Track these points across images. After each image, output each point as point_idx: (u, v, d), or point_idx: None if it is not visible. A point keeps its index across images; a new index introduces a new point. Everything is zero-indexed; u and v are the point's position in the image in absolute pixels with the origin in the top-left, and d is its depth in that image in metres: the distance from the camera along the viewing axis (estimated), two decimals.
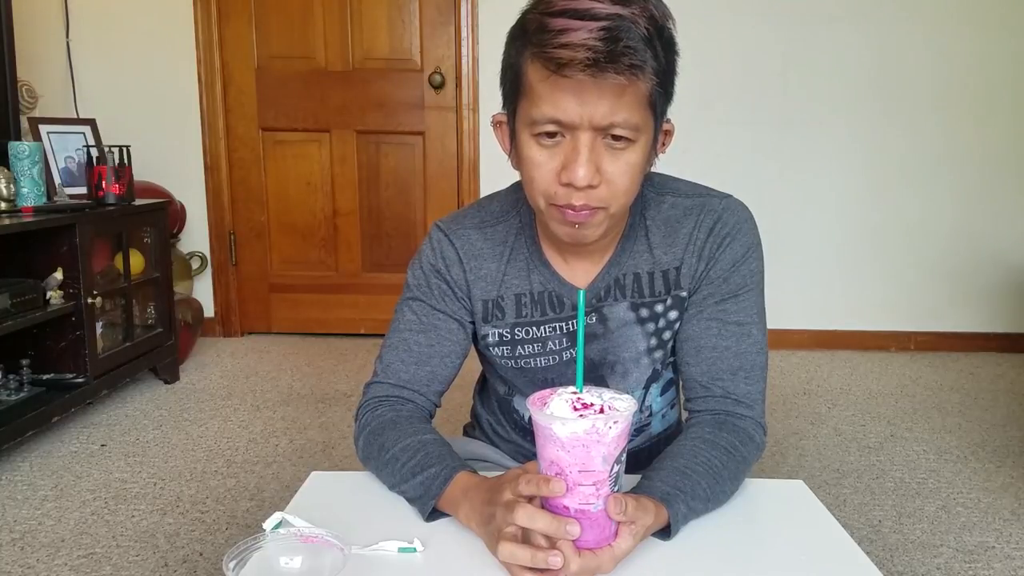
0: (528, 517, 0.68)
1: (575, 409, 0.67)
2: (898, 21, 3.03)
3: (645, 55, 0.75)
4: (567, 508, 0.68)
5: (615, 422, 0.66)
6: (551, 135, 0.80)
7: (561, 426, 0.66)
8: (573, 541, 0.68)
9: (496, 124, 0.90)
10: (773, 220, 2.90)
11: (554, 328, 0.96)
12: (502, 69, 0.86)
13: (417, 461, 0.85)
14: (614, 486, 0.69)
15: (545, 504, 0.70)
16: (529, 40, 0.79)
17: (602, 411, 0.67)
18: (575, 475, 0.67)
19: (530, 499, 0.70)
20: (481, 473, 0.84)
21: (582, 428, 0.65)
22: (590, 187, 0.80)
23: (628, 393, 0.98)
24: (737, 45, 3.05)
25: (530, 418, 0.78)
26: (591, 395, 0.69)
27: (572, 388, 0.70)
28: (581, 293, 0.73)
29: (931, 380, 2.84)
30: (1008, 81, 3.06)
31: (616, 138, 0.79)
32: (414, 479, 0.84)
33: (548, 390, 0.71)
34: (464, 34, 3.08)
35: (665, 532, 0.78)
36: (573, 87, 0.76)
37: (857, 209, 3.17)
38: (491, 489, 0.76)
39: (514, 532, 0.69)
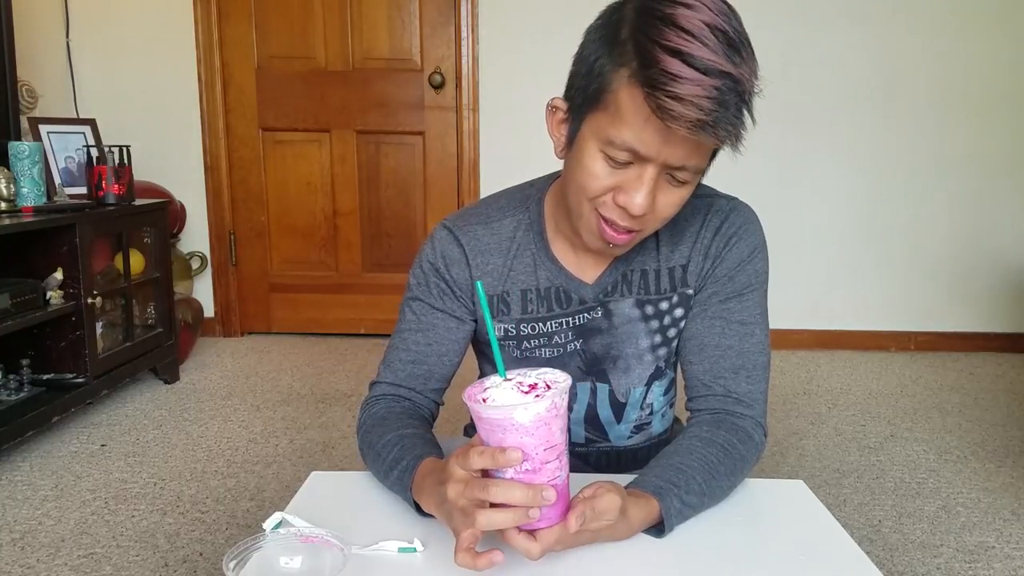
0: (504, 492, 0.66)
1: (525, 393, 0.67)
2: (897, 23, 3.03)
3: (740, 125, 0.75)
4: None
5: (565, 392, 0.67)
6: (621, 159, 0.79)
7: (523, 412, 0.65)
8: (543, 520, 0.68)
9: (552, 109, 0.88)
10: (773, 220, 2.89)
11: (560, 323, 0.96)
12: (581, 62, 0.82)
13: (393, 455, 0.86)
14: (568, 453, 0.70)
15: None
16: (632, 61, 0.74)
17: (548, 387, 0.67)
18: (541, 454, 0.67)
19: (484, 474, 0.69)
20: None
21: (544, 408, 0.65)
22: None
23: (630, 389, 0.99)
24: None
25: None
26: (524, 377, 0.70)
27: (496, 377, 0.70)
28: (479, 284, 0.75)
29: (931, 380, 2.84)
30: (1007, 82, 3.06)
31: (679, 177, 0.80)
32: (392, 474, 0.85)
33: (474, 386, 0.70)
34: (464, 34, 3.08)
35: (659, 529, 0.78)
36: (664, 132, 0.75)
37: (857, 209, 3.17)
38: (443, 469, 0.74)
39: (478, 503, 0.68)
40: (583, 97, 0.81)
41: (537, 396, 0.66)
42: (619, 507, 0.73)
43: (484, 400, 0.67)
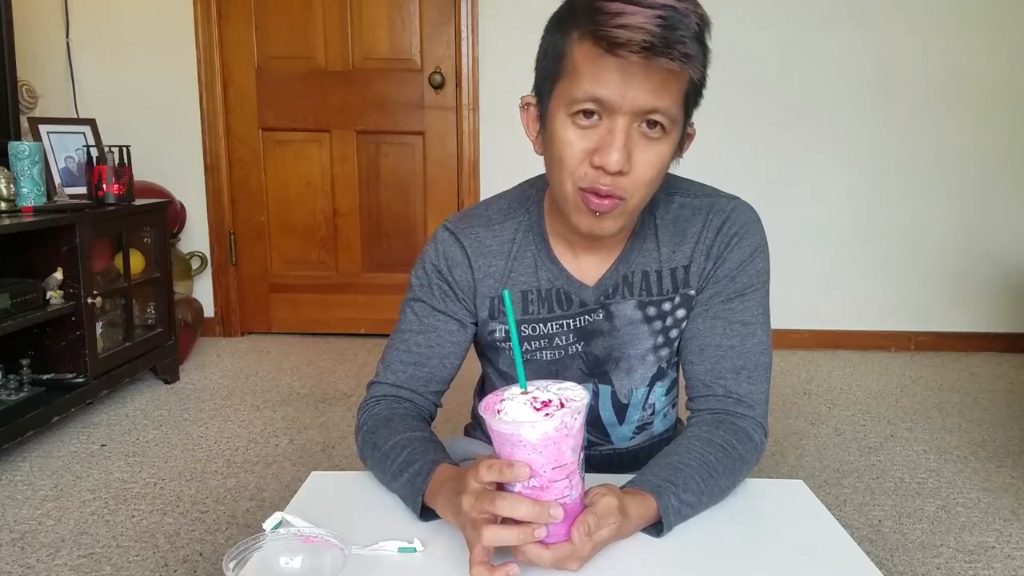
0: (510, 506, 0.67)
1: (537, 409, 0.66)
2: (897, 22, 3.03)
3: (696, 48, 0.77)
4: None
5: (578, 412, 0.66)
6: (588, 114, 0.80)
7: (531, 429, 0.65)
8: (551, 536, 0.68)
9: (524, 106, 0.90)
10: (773, 220, 2.89)
11: (561, 325, 0.96)
12: (541, 52, 0.86)
13: (404, 458, 0.85)
14: (583, 471, 0.69)
15: None
16: (579, 21, 0.79)
17: (562, 405, 0.67)
18: (549, 473, 0.66)
19: (499, 487, 0.70)
20: None
21: (552, 427, 0.65)
22: (620, 173, 0.80)
23: (632, 390, 0.99)
24: (737, 45, 3.05)
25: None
26: (541, 392, 0.69)
27: (516, 388, 0.70)
28: (506, 293, 0.75)
29: (931, 380, 2.84)
30: (1006, 81, 3.06)
31: (652, 125, 0.80)
32: (401, 477, 0.84)
33: (492, 396, 0.70)
34: (464, 34, 3.08)
35: (657, 528, 0.78)
36: (621, 67, 0.77)
37: (857, 209, 3.17)
38: (460, 479, 0.76)
39: (488, 516, 0.69)
40: (545, 76, 0.85)
41: (547, 415, 0.65)
42: (617, 507, 0.73)
43: (499, 411, 0.67)
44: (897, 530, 1.74)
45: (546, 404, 0.67)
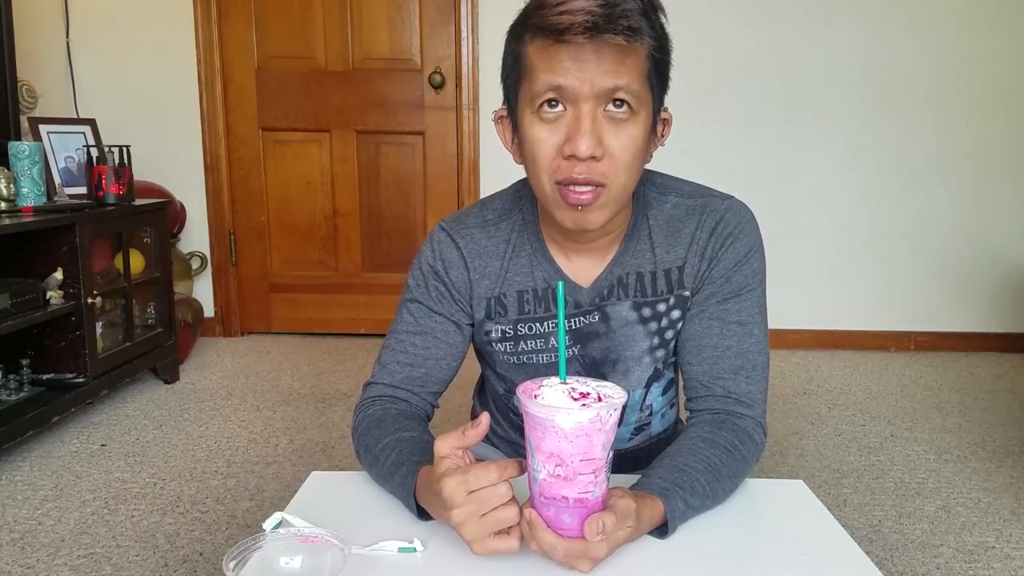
0: (483, 471, 0.69)
1: (575, 399, 0.67)
2: (896, 22, 3.03)
3: (642, 21, 0.77)
4: (566, 498, 0.68)
5: (615, 409, 0.67)
6: (552, 105, 0.80)
7: (565, 417, 0.65)
8: (566, 529, 0.68)
9: (497, 119, 0.91)
10: (773, 220, 2.90)
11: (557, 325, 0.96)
12: (502, 63, 0.87)
13: (393, 460, 0.86)
14: (609, 472, 0.69)
15: (542, 496, 0.69)
16: (528, 21, 0.81)
17: (600, 399, 0.67)
18: (576, 464, 0.67)
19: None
20: None
21: (587, 418, 0.65)
22: (593, 159, 0.80)
23: (629, 391, 0.99)
24: (737, 45, 3.05)
25: None
26: (581, 384, 0.70)
27: (555, 378, 0.71)
28: (560, 284, 0.74)
29: (931, 380, 2.84)
30: (1005, 81, 3.06)
31: (618, 105, 0.80)
32: (393, 479, 0.85)
33: (531, 382, 0.71)
34: (464, 34, 3.08)
35: (662, 530, 0.78)
36: (573, 53, 0.78)
37: (857, 209, 3.17)
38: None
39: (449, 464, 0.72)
40: (509, 84, 0.86)
41: (583, 405, 0.66)
42: (635, 511, 0.73)
43: (535, 396, 0.68)
44: (897, 530, 1.74)
45: (584, 395, 0.68)
